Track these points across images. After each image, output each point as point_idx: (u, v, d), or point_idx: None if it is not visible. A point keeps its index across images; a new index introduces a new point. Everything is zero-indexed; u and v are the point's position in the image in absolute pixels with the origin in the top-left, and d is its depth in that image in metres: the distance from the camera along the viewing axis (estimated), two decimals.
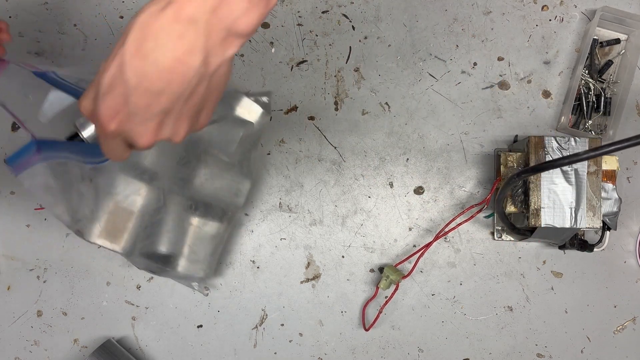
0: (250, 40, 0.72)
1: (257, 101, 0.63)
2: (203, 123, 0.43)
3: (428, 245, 0.67)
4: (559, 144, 0.62)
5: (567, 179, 0.62)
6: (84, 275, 0.71)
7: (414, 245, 0.71)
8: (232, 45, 0.38)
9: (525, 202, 0.63)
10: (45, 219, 0.72)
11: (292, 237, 0.71)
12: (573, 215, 0.62)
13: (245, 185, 0.65)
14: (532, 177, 0.62)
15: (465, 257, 0.71)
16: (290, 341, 0.71)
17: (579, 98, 0.70)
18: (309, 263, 0.71)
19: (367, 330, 0.70)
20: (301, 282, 0.71)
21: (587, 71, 0.71)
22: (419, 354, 0.71)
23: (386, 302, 0.69)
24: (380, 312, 0.69)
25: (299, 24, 0.72)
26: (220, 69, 0.39)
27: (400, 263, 0.69)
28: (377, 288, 0.68)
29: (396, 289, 0.68)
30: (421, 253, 0.67)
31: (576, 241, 0.67)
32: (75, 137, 0.45)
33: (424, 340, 0.71)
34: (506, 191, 0.61)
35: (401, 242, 0.71)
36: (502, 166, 0.65)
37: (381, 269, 0.70)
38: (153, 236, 0.60)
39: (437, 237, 0.68)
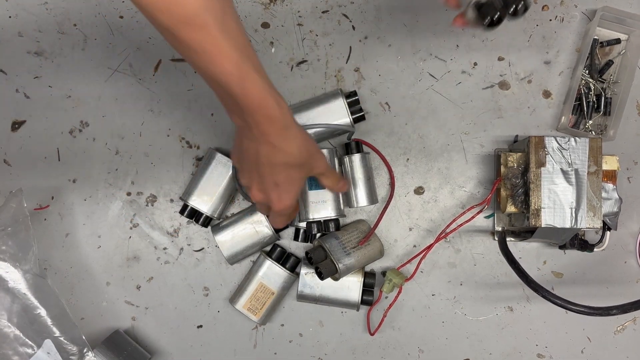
0: (249, 40, 0.72)
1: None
2: None
3: (429, 248, 0.67)
4: (559, 144, 0.62)
5: (567, 179, 0.62)
6: (84, 275, 0.71)
7: (415, 246, 0.71)
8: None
9: (526, 202, 0.63)
10: (45, 219, 0.71)
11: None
12: (573, 215, 0.61)
13: None
14: (532, 177, 0.62)
15: (466, 257, 0.71)
16: (290, 341, 0.71)
17: (579, 98, 0.70)
18: None
19: (372, 334, 0.70)
20: None
21: (587, 71, 0.71)
22: (420, 354, 0.71)
23: (390, 306, 0.68)
24: (384, 315, 0.69)
25: (299, 24, 0.72)
26: None
27: (402, 266, 0.69)
28: (381, 292, 0.68)
29: (399, 293, 0.68)
30: (423, 255, 0.67)
31: (576, 241, 0.67)
32: None
33: (425, 340, 0.71)
34: None
35: (401, 242, 0.71)
36: (502, 166, 0.65)
37: (384, 273, 0.69)
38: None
39: (438, 239, 0.68)
